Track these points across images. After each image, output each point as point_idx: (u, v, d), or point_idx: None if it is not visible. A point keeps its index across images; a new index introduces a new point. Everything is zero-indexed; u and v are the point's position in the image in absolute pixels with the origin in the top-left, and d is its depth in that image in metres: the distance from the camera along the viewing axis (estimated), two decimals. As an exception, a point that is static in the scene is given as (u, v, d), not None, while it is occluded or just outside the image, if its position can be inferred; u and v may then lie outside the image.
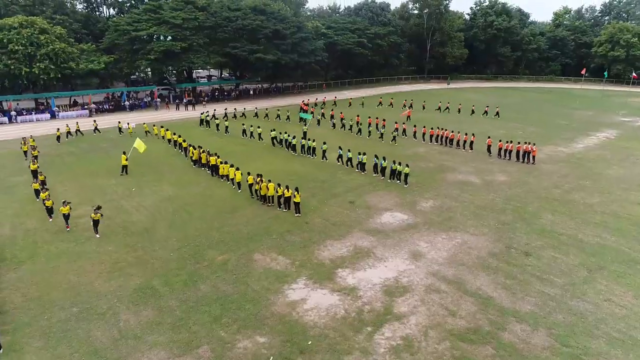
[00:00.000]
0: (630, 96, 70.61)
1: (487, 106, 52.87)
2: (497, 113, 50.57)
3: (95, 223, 20.34)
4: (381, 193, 26.47)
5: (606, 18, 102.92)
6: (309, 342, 13.62)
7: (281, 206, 23.74)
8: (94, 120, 42.25)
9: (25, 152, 33.65)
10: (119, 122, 42.19)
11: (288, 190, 23.21)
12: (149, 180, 28.67)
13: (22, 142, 34.61)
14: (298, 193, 22.96)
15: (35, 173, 27.55)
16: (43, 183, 25.52)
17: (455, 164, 32.92)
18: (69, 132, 39.60)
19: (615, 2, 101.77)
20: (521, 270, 17.93)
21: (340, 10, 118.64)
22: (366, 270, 17.86)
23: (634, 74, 78.82)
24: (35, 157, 30.27)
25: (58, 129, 39.34)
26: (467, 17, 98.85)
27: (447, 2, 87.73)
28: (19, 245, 19.80)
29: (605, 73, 77.89)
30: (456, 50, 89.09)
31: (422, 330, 14.20)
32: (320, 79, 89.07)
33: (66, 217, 21.05)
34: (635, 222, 22.81)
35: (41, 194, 23.15)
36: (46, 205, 22.17)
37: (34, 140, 35.19)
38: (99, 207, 20.39)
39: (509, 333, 14.15)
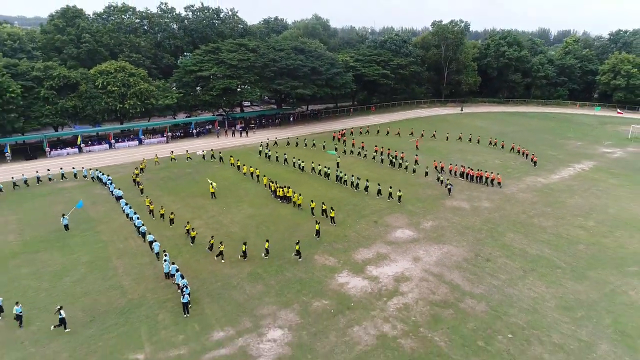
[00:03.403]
0: (623, 124, 79.55)
1: (496, 139, 63.76)
2: (503, 146, 61.23)
3: (211, 246, 30.90)
4: (396, 215, 37.80)
5: (613, 46, 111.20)
6: (352, 304, 25.11)
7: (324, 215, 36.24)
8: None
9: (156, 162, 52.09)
10: (142, 162, 51.71)
11: (332, 210, 35.14)
12: (232, 201, 40.72)
13: (155, 156, 52.70)
14: (333, 210, 35.20)
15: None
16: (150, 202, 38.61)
17: (455, 191, 43.86)
18: (189, 157, 54.24)
19: (621, 32, 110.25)
20: (481, 270, 29.00)
21: (369, 34, 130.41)
22: (384, 267, 29.25)
23: (618, 111, 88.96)
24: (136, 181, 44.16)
25: (172, 151, 55.04)
26: (481, 44, 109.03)
27: (462, 35, 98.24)
28: (177, 246, 31.82)
29: (597, 107, 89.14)
30: (470, 78, 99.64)
31: (414, 300, 25.52)
32: (348, 101, 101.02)
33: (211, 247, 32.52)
34: (571, 240, 33.47)
35: (187, 225, 33.29)
36: (191, 235, 32.89)
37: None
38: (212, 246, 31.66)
39: (464, 304, 25.29)
